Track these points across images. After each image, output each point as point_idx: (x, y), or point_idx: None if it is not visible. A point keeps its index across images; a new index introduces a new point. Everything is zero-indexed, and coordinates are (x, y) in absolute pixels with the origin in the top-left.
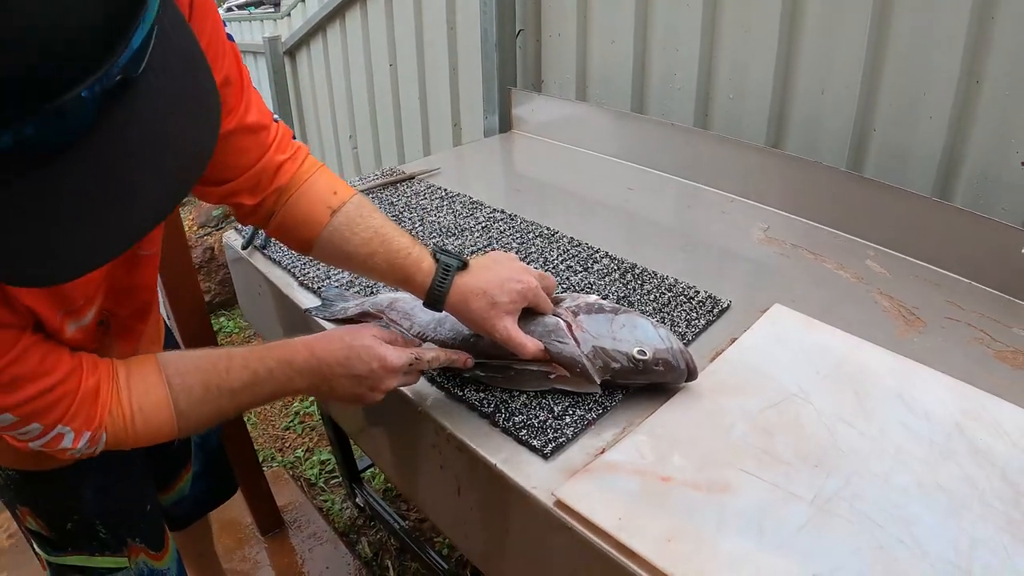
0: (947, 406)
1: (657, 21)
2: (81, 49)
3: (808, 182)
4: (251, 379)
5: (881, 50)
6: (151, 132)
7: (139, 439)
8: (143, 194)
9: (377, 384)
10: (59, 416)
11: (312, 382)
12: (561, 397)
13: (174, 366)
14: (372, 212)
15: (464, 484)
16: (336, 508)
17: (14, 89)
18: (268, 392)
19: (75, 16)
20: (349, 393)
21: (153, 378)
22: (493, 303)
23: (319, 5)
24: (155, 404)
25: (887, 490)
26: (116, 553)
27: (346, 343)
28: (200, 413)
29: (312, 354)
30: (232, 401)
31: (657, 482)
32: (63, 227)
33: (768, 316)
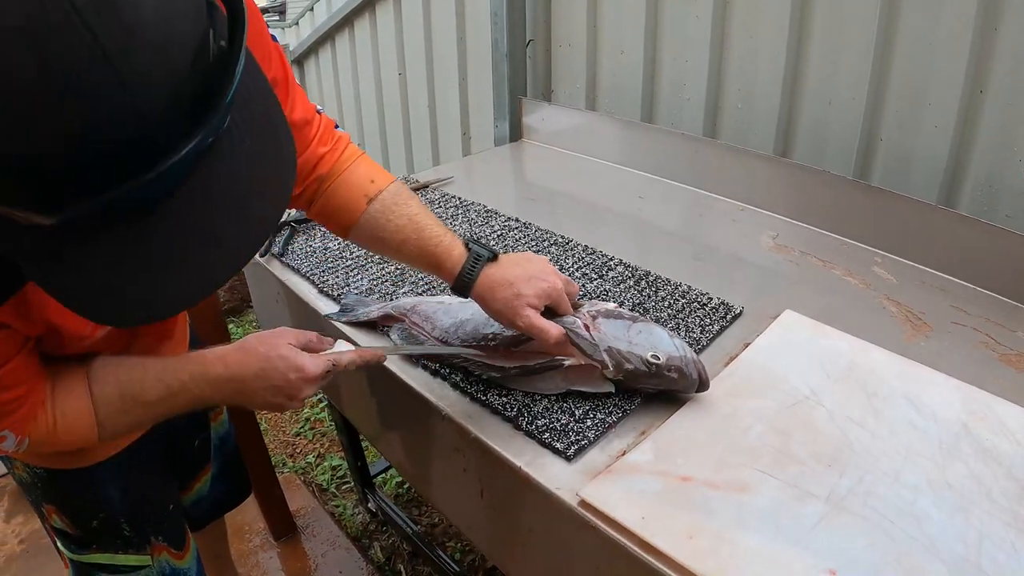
0: (954, 407)
1: (666, 32)
2: (180, 119)
3: (816, 190)
4: (165, 392)
5: (886, 60)
6: (232, 186)
7: (60, 443)
8: (226, 243)
9: (296, 393)
10: (11, 423)
11: (227, 395)
12: (581, 401)
13: (96, 375)
14: (408, 200)
15: (487, 486)
16: (348, 513)
17: (121, 154)
18: (184, 403)
19: (177, 91)
20: (267, 403)
21: (78, 387)
22: (518, 294)
23: (327, 14)
24: (76, 412)
25: (898, 488)
26: (140, 551)
27: (261, 354)
28: (119, 422)
29: (226, 367)
30: (148, 412)
31: (677, 482)
32: (154, 274)
33: (780, 321)
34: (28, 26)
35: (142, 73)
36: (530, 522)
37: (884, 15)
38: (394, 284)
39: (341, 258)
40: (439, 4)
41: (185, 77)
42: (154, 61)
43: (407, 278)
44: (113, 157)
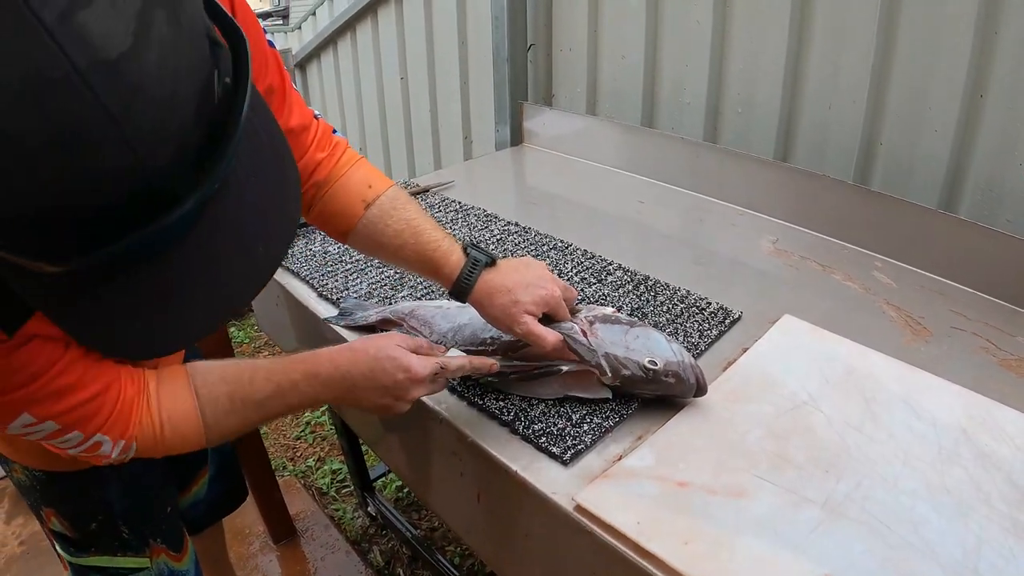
0: (953, 412)
1: (667, 37)
2: (186, 169)
3: (816, 195)
4: (275, 391)
5: (887, 64)
6: (239, 226)
7: (168, 448)
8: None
9: (403, 394)
10: (99, 425)
11: (337, 394)
12: (578, 406)
13: (202, 377)
14: (406, 204)
15: (484, 490)
16: (348, 517)
17: (127, 209)
18: (295, 403)
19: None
20: (375, 404)
21: (182, 390)
22: (515, 301)
23: (330, 18)
24: (183, 415)
25: (896, 493)
26: (138, 554)
27: (371, 355)
28: (226, 424)
29: (336, 367)
30: (258, 412)
31: (674, 487)
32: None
33: (778, 326)
34: (29, 87)
35: (147, 131)
36: (526, 526)
37: (884, 19)
38: (393, 288)
39: (341, 262)
40: (441, 8)
41: (191, 128)
42: (159, 117)
43: (406, 282)
44: (119, 212)
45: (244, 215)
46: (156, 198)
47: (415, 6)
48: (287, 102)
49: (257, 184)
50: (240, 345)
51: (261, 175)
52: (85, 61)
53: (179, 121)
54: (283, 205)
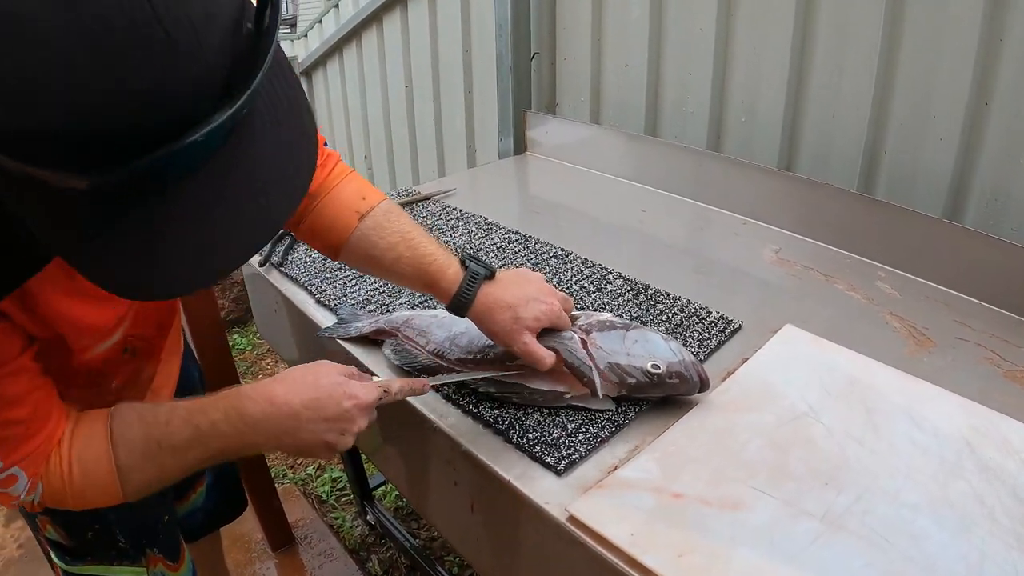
0: (956, 424)
1: (670, 46)
2: (215, 93)
3: (819, 204)
4: (193, 435)
5: (890, 73)
6: (255, 169)
7: (79, 494)
8: (245, 224)
9: (349, 426)
10: (23, 455)
11: (272, 434)
12: (574, 415)
13: (120, 418)
14: (400, 217)
15: (478, 500)
16: (347, 525)
17: (160, 119)
18: (217, 448)
19: (217, 63)
20: (317, 441)
21: (97, 430)
22: (516, 318)
23: (336, 26)
24: (95, 456)
25: (897, 506)
26: (135, 563)
27: (310, 383)
28: (142, 470)
29: (270, 401)
30: (176, 460)
31: (669, 499)
32: (176, 248)
33: (779, 336)
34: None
35: (190, 41)
36: (519, 537)
37: (888, 27)
38: (391, 295)
39: (339, 268)
40: (445, 17)
41: (226, 51)
42: (202, 30)
43: (404, 290)
44: (152, 120)
45: (258, 161)
46: (186, 116)
47: (420, 14)
48: None
49: (272, 136)
50: (242, 352)
51: (280, 125)
52: None
53: (217, 39)
54: (300, 154)
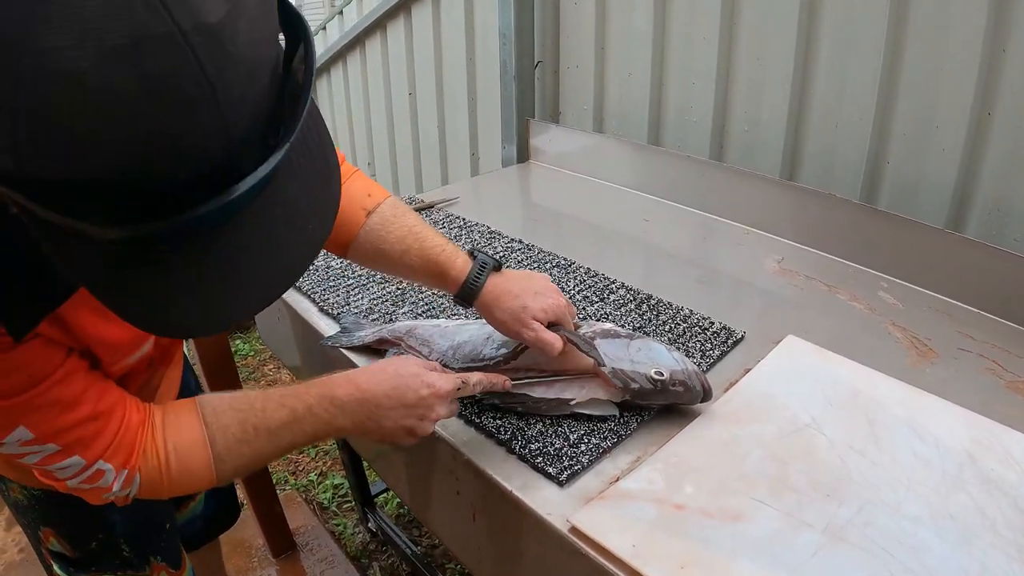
0: (958, 436)
1: (673, 55)
2: (256, 143)
3: (822, 214)
4: (289, 417)
5: (894, 82)
6: (291, 205)
7: (174, 483)
8: (284, 259)
9: (428, 413)
10: (101, 449)
11: (357, 418)
12: (577, 425)
13: (210, 406)
14: (406, 212)
15: (480, 509)
16: (348, 532)
17: (204, 175)
18: (309, 431)
19: (258, 114)
20: (399, 426)
21: (190, 419)
22: (524, 307)
23: (340, 33)
24: (191, 444)
25: (898, 518)
26: (139, 571)
27: (391, 372)
28: (238, 454)
29: (356, 387)
30: (271, 442)
31: (671, 510)
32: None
33: (782, 347)
34: (132, 43)
35: (235, 96)
36: (521, 547)
37: (891, 37)
38: (394, 304)
39: (343, 277)
40: (449, 25)
41: (264, 101)
42: (246, 84)
43: (407, 298)
44: (196, 177)
45: (298, 192)
46: (230, 170)
47: (424, 22)
48: None
49: (306, 164)
50: (244, 358)
51: (309, 156)
52: (189, 23)
53: (259, 91)
54: (328, 185)
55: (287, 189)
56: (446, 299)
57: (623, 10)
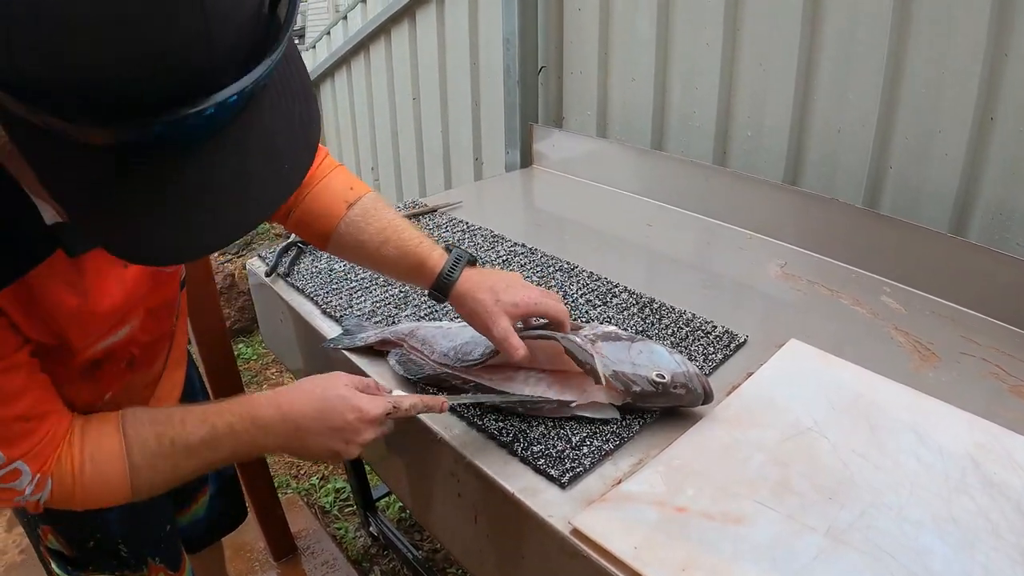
0: (961, 440)
1: (677, 60)
2: (238, 62)
3: (825, 219)
4: (209, 434)
5: (896, 88)
6: (267, 138)
7: (87, 492)
8: (256, 190)
9: (354, 437)
10: (24, 450)
11: (280, 440)
12: (578, 427)
13: (132, 418)
14: (387, 208)
15: (481, 512)
16: (350, 536)
17: (183, 81)
18: (229, 451)
19: (241, 32)
20: (324, 449)
21: (109, 428)
22: (497, 300)
23: (344, 38)
24: (107, 453)
25: (901, 522)
26: (136, 572)
27: (317, 395)
28: (155, 469)
29: (278, 408)
30: (189, 459)
31: (673, 512)
32: (190, 212)
33: (784, 351)
34: None
35: (221, 12)
36: (523, 549)
37: (893, 42)
38: (396, 307)
39: (345, 279)
40: (453, 30)
41: (250, 23)
42: (231, 13)
43: (409, 301)
44: (176, 82)
45: (275, 128)
46: (209, 80)
47: (428, 27)
48: None
49: (287, 105)
50: (247, 362)
51: (291, 98)
52: None
53: (243, 16)
54: (307, 131)
55: (265, 122)
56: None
57: (626, 15)
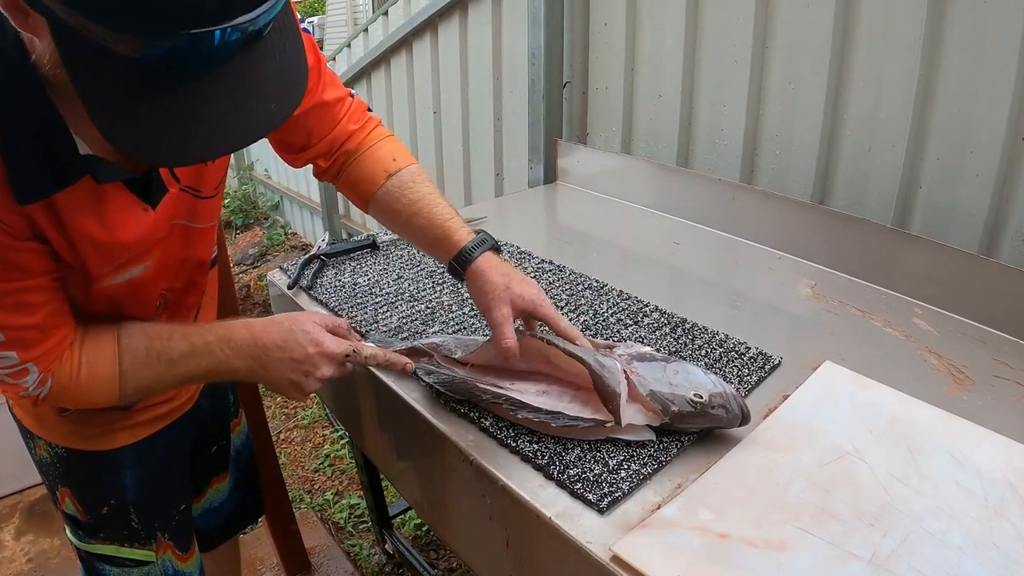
0: (999, 464)
1: (705, 77)
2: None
3: (855, 239)
4: (189, 350)
5: (927, 107)
6: (266, 72)
7: (81, 392)
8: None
9: (312, 370)
10: (35, 355)
11: (248, 363)
12: (615, 450)
13: (126, 329)
14: (426, 181)
15: (514, 536)
16: (364, 553)
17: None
18: (205, 367)
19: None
20: (284, 378)
21: (106, 336)
22: (508, 287)
23: (365, 50)
24: (101, 358)
25: (943, 548)
26: (145, 546)
27: (286, 326)
28: (140, 376)
29: (251, 334)
30: (171, 370)
31: (715, 539)
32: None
33: (819, 373)
34: None
35: None
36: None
37: (925, 62)
38: (424, 323)
39: (371, 294)
40: (476, 43)
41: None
42: None
43: (437, 317)
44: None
45: (268, 73)
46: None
47: (450, 41)
48: (322, 79)
49: (280, 60)
50: None
51: (284, 55)
52: None
53: None
54: (294, 84)
55: (261, 66)
56: (477, 319)
57: (654, 31)
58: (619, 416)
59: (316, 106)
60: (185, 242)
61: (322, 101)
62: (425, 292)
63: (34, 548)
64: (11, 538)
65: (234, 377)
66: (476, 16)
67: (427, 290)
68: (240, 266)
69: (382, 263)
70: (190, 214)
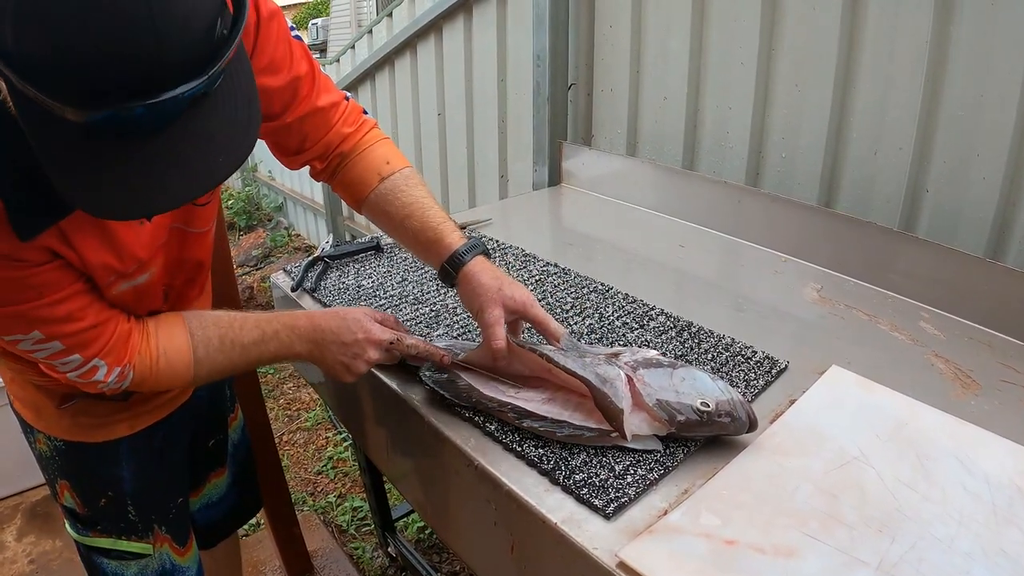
0: (1007, 469)
1: (710, 79)
2: (187, 71)
3: (861, 242)
4: (259, 337)
5: (934, 110)
6: (207, 139)
7: (160, 379)
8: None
9: (360, 353)
10: (97, 350)
11: (309, 347)
12: (621, 455)
13: (197, 320)
14: (418, 185)
15: (519, 541)
16: (367, 556)
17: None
18: (272, 351)
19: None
20: (336, 360)
21: (178, 328)
22: (500, 289)
23: (369, 52)
24: (177, 348)
25: (951, 555)
26: (142, 538)
27: (340, 314)
28: (214, 362)
29: (311, 322)
30: (242, 355)
31: (722, 545)
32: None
33: (826, 377)
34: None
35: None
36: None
37: (932, 64)
38: (428, 326)
39: (374, 296)
40: (481, 45)
41: (198, 41)
42: (183, 28)
43: (441, 320)
44: (139, 80)
45: (216, 126)
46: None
47: (455, 43)
48: (316, 85)
49: (231, 110)
50: (264, 375)
51: (234, 106)
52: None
53: (192, 31)
54: (246, 133)
55: (210, 121)
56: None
57: (659, 34)
58: (624, 431)
59: (310, 112)
60: (183, 245)
61: (316, 107)
62: (429, 295)
63: (36, 549)
64: (13, 539)
65: (296, 359)
66: (481, 18)
67: (431, 293)
68: (243, 268)
69: (386, 265)
70: (187, 219)
